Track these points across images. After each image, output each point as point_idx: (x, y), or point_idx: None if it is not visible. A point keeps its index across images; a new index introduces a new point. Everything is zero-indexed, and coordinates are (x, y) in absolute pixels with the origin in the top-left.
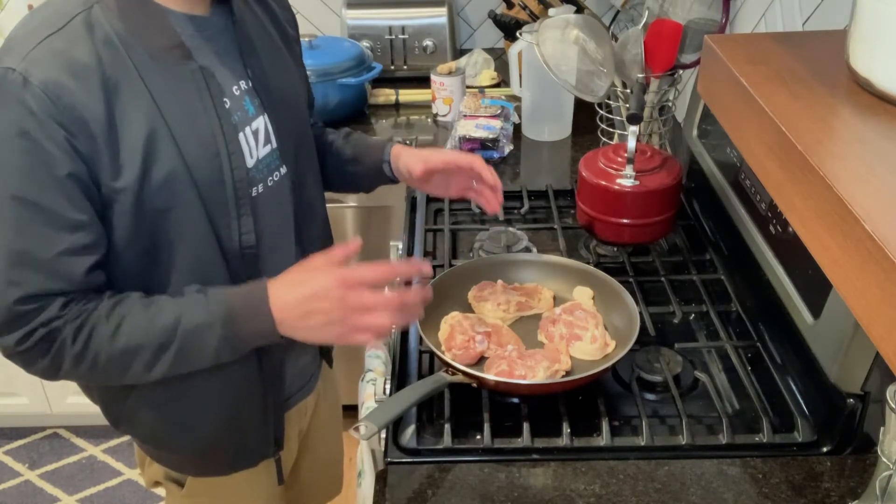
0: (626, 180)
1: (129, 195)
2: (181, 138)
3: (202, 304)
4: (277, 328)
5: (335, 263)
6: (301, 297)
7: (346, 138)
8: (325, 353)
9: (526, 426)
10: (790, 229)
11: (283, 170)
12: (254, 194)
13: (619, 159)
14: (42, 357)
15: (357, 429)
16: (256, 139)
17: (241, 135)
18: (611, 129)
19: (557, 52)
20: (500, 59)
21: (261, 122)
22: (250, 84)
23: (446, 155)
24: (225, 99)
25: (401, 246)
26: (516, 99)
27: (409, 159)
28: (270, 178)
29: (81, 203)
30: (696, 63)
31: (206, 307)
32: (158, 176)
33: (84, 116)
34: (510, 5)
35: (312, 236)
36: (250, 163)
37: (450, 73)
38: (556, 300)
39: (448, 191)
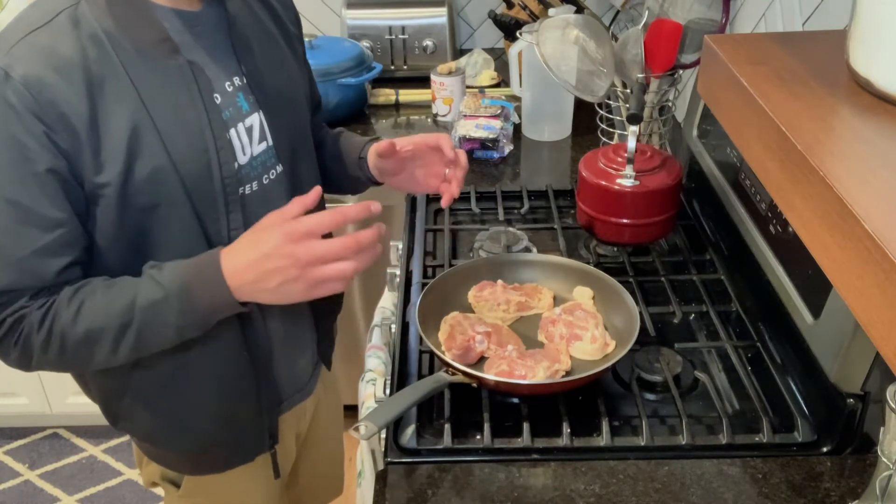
0: (626, 180)
1: (114, 190)
2: (167, 133)
3: (154, 280)
4: (234, 295)
5: (287, 219)
6: (253, 259)
7: (337, 137)
8: (323, 355)
9: (526, 426)
10: (790, 229)
11: (280, 168)
12: (246, 192)
13: (619, 159)
14: (13, 346)
15: (357, 429)
16: (250, 136)
17: (232, 131)
18: (611, 129)
19: (557, 52)
20: (500, 59)
21: (255, 119)
22: (244, 80)
23: (415, 138)
24: (215, 94)
25: (401, 246)
26: (516, 99)
27: (378, 144)
28: (265, 175)
29: (60, 200)
30: (696, 63)
31: (159, 282)
32: (143, 171)
33: (66, 112)
34: (510, 5)
35: None
36: (243, 160)
37: (450, 73)
38: (556, 300)
39: (417, 184)
